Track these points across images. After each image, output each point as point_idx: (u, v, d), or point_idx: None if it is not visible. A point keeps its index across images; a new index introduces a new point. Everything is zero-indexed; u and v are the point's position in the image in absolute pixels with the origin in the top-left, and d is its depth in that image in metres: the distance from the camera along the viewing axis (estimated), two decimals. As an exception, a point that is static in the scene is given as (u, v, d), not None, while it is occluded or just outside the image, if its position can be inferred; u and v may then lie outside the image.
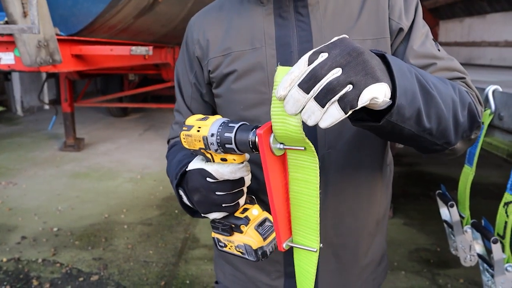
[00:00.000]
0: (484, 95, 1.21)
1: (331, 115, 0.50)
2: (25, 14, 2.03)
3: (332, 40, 0.52)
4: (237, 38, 0.86)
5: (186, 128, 0.71)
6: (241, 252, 0.74)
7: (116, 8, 3.22)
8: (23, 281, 2.66)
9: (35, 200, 3.99)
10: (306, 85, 0.49)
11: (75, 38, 3.27)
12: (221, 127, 0.66)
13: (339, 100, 0.50)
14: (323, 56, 0.50)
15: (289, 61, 0.83)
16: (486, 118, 1.21)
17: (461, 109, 0.69)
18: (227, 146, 0.66)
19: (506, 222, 1.04)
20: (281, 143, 0.59)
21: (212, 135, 0.67)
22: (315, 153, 0.57)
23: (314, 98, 0.49)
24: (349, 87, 0.49)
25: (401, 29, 0.84)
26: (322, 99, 0.49)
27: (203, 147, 0.69)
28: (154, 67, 5.98)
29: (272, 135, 0.59)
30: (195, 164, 0.74)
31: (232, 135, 0.64)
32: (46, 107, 9.16)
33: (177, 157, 0.87)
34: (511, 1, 6.45)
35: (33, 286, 2.60)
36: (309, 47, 0.82)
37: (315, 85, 0.49)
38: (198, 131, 0.69)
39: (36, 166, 5.05)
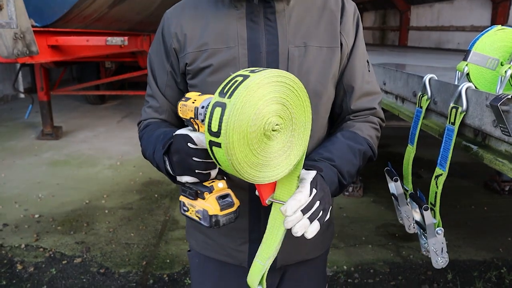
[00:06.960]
0: (422, 83, 1.37)
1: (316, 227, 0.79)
2: (0, 7, 2.08)
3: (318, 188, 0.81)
4: (214, 37, 0.96)
5: (184, 99, 0.82)
6: (198, 217, 0.82)
7: (91, -2, 3.25)
8: (7, 265, 2.74)
9: (15, 188, 4.03)
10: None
11: (51, 29, 3.28)
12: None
13: (318, 219, 0.80)
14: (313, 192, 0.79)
15: (258, 60, 0.95)
16: (424, 103, 1.37)
17: (362, 165, 1.02)
18: None
19: (436, 192, 1.22)
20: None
21: (202, 107, 0.76)
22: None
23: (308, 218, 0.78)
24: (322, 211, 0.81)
25: (346, 45, 1.01)
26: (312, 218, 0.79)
27: (193, 116, 0.79)
28: (131, 54, 5.99)
29: None
30: (182, 130, 0.83)
31: None
32: (21, 95, 9.02)
33: (157, 132, 0.99)
34: (476, -13, 6.67)
35: (17, 270, 2.68)
36: (275, 49, 0.96)
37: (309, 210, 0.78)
38: (193, 102, 0.79)
39: (14, 155, 5.05)
